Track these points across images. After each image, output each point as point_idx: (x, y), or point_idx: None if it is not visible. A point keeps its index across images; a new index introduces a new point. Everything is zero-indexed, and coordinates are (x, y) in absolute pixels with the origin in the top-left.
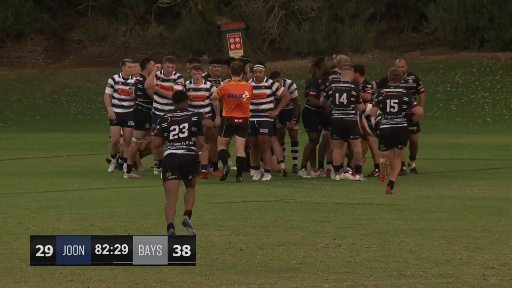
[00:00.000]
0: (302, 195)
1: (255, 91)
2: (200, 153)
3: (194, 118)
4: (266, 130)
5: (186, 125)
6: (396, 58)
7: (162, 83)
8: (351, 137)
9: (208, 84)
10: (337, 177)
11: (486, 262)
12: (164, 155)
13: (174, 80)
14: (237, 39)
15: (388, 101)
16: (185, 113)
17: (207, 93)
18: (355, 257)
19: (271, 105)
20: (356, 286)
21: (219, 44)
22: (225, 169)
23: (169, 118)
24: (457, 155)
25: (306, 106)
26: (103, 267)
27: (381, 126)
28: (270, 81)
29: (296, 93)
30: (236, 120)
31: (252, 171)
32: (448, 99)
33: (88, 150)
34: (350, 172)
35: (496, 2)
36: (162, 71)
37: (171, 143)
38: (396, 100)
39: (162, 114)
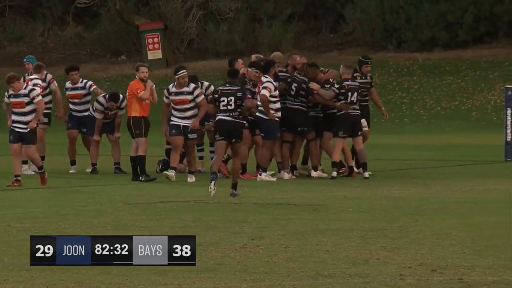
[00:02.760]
0: (221, 195)
1: (178, 97)
2: (245, 123)
3: (239, 94)
4: (194, 135)
5: (232, 98)
6: (314, 58)
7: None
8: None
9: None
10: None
11: (403, 262)
12: (215, 120)
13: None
14: (156, 39)
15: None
16: (233, 87)
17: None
18: (273, 257)
19: (196, 110)
20: (274, 286)
21: (137, 44)
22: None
23: (219, 91)
24: (375, 155)
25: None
26: (20, 267)
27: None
28: (192, 86)
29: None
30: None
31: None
32: None
33: (7, 150)
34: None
35: (413, 3)
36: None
37: (221, 112)
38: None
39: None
